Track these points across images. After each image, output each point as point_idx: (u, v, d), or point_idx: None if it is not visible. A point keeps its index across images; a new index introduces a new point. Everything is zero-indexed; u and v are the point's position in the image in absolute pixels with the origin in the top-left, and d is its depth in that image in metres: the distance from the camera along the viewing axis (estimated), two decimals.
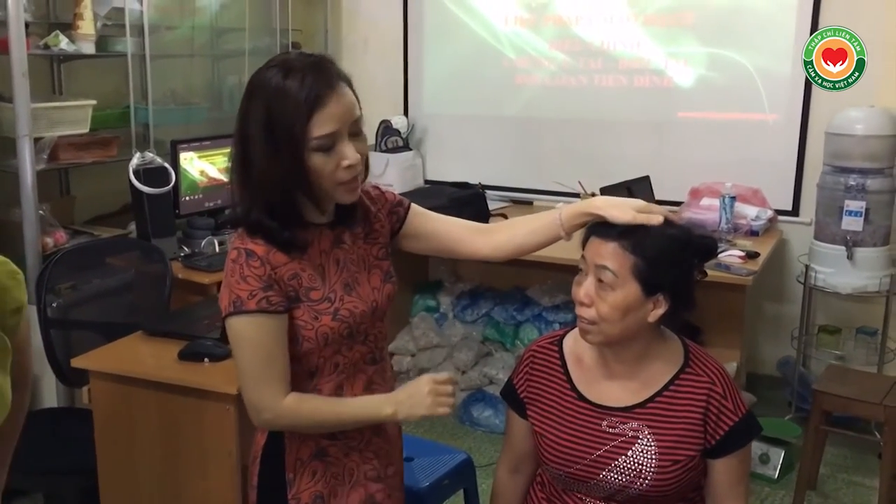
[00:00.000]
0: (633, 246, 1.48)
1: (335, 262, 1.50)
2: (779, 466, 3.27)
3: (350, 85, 1.44)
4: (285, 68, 1.39)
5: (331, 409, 1.49)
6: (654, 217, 1.48)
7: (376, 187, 1.64)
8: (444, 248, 1.66)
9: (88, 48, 3.22)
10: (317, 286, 1.46)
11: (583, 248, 1.56)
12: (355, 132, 1.43)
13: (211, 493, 2.06)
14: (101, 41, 3.32)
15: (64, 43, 3.11)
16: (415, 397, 1.48)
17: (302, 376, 1.49)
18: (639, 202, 1.52)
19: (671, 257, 1.49)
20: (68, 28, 3.18)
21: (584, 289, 1.52)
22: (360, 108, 1.46)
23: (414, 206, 1.66)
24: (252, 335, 1.42)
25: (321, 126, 1.38)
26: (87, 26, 3.18)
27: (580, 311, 1.54)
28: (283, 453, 1.52)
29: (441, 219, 1.68)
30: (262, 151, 1.39)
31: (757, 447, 3.31)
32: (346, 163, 1.41)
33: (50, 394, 2.96)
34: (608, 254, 1.50)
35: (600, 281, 1.50)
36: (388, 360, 1.64)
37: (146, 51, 3.44)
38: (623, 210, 1.49)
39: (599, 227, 1.53)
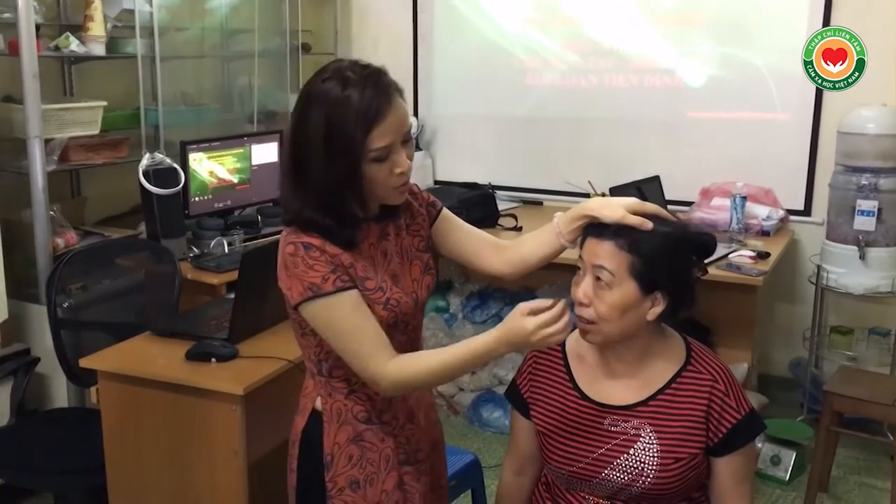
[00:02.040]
0: (628, 244, 1.49)
1: (383, 254, 1.56)
2: (790, 468, 3.25)
3: (402, 95, 1.50)
4: (343, 80, 1.44)
5: (439, 362, 1.49)
6: (646, 222, 1.49)
7: (415, 184, 1.67)
8: (462, 257, 1.70)
9: (99, 50, 3.24)
10: (370, 276, 1.51)
11: (580, 249, 1.56)
12: (406, 139, 1.50)
13: (218, 492, 2.06)
14: (112, 43, 3.33)
15: (74, 44, 3.12)
16: (521, 338, 1.45)
17: (345, 365, 1.53)
18: (631, 201, 1.53)
19: (667, 254, 1.49)
20: (79, 29, 3.20)
21: (583, 289, 1.53)
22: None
23: (445, 209, 1.71)
24: (338, 314, 1.47)
25: (379, 139, 1.43)
26: (97, 28, 3.19)
27: (579, 311, 1.55)
28: (322, 436, 1.55)
29: (466, 228, 1.72)
30: (318, 158, 1.44)
31: (768, 449, 3.29)
32: (398, 170, 1.47)
33: (60, 394, 2.98)
34: (604, 253, 1.50)
35: (598, 280, 1.51)
36: (424, 349, 1.66)
37: (156, 52, 3.45)
38: (614, 209, 1.51)
39: (595, 228, 1.54)
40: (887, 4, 3.62)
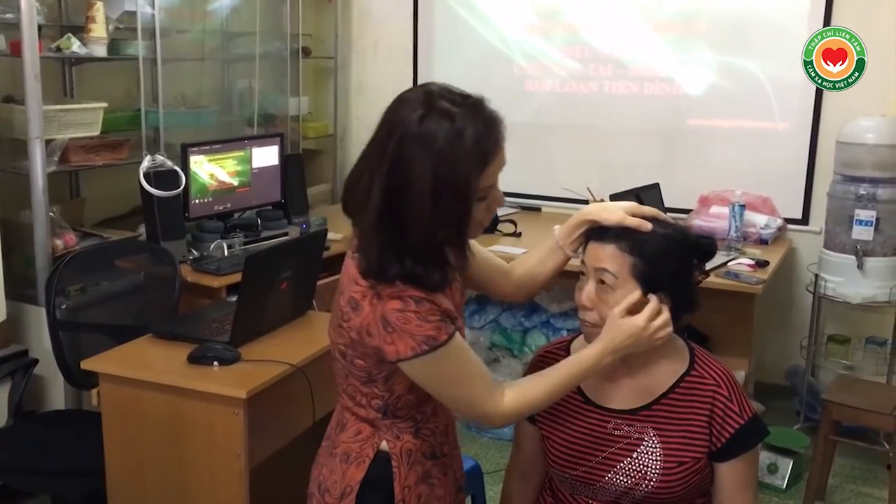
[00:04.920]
0: (630, 247, 1.49)
1: (457, 292, 1.51)
2: (787, 476, 3.25)
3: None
4: (445, 115, 1.32)
5: (551, 386, 1.48)
6: (645, 224, 1.50)
7: None
8: (478, 285, 1.65)
9: (100, 51, 3.24)
10: (455, 311, 1.46)
11: (582, 254, 1.57)
12: None
13: (219, 496, 2.05)
14: (113, 44, 3.33)
15: (76, 46, 3.12)
16: (633, 337, 1.47)
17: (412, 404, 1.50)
18: (629, 204, 1.54)
19: (669, 257, 1.50)
20: (80, 31, 3.20)
21: (586, 293, 1.54)
22: None
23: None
24: (451, 362, 1.41)
25: (488, 178, 1.36)
26: (98, 29, 3.20)
27: (583, 314, 1.55)
28: (391, 480, 1.50)
29: (482, 255, 1.64)
30: (423, 206, 1.31)
31: (765, 457, 3.30)
32: (495, 206, 1.42)
33: (58, 396, 2.97)
34: (606, 256, 1.51)
35: (601, 283, 1.51)
36: None
37: (157, 54, 3.45)
38: (613, 212, 1.51)
39: (596, 232, 1.54)
40: (888, 13, 3.64)
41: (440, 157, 1.30)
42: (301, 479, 1.63)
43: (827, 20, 3.73)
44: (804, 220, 3.92)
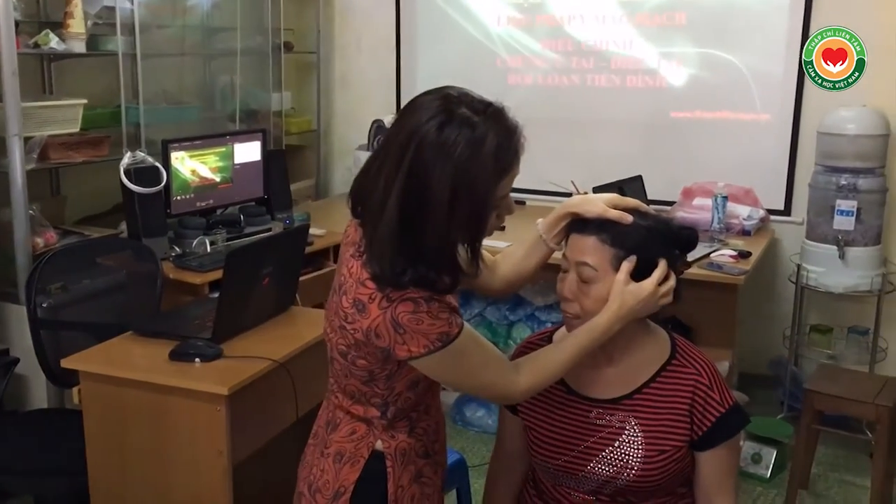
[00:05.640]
0: (611, 238, 1.50)
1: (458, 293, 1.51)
2: (771, 466, 3.27)
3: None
4: (466, 123, 1.30)
5: (565, 357, 1.49)
6: (626, 216, 1.50)
7: None
8: (466, 281, 1.60)
9: (79, 47, 3.21)
10: (461, 313, 1.47)
11: (565, 247, 1.57)
12: None
13: (202, 493, 2.04)
14: (92, 40, 3.30)
15: (54, 42, 3.09)
16: (641, 301, 1.48)
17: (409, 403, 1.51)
18: (611, 196, 1.54)
19: (651, 248, 1.50)
20: (59, 27, 3.16)
21: (568, 284, 1.54)
22: None
23: None
24: (466, 353, 1.42)
25: (505, 187, 1.36)
26: (77, 25, 3.16)
27: (564, 306, 1.56)
28: (385, 480, 1.50)
29: None
30: (440, 214, 1.30)
31: (749, 447, 3.32)
32: (506, 214, 1.42)
33: (40, 394, 2.95)
34: (587, 248, 1.51)
35: (582, 275, 1.51)
36: None
37: (137, 50, 3.42)
38: (594, 204, 1.51)
39: (577, 224, 1.55)
40: (868, 6, 3.67)
41: (459, 166, 1.29)
42: (285, 475, 1.63)
43: (808, 11, 3.74)
44: (787, 210, 3.94)
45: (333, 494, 1.50)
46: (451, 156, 1.29)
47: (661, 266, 1.50)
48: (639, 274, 1.49)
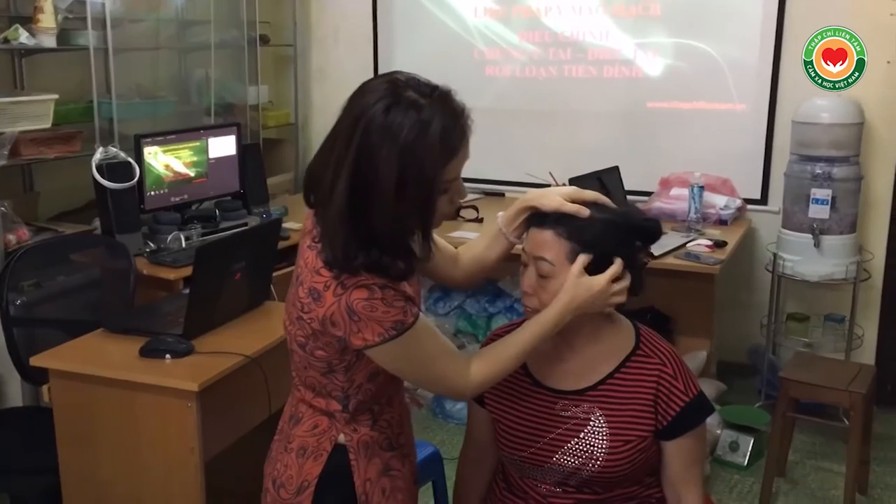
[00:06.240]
0: (568, 232, 1.49)
1: (414, 281, 1.50)
2: (748, 454, 3.29)
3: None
4: (413, 106, 1.30)
5: (516, 350, 1.49)
6: (582, 209, 1.49)
7: None
8: (427, 271, 1.62)
9: (49, 42, 3.17)
10: (419, 301, 1.47)
11: (525, 240, 1.57)
12: None
13: (174, 490, 2.04)
14: (63, 34, 3.26)
15: (24, 37, 3.06)
16: (591, 296, 1.48)
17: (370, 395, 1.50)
18: (568, 189, 1.54)
19: (609, 241, 1.50)
20: (29, 21, 3.13)
21: (527, 279, 1.54)
22: None
23: None
24: (419, 343, 1.42)
25: (451, 171, 1.36)
26: (47, 19, 3.13)
27: (524, 300, 1.56)
28: (349, 474, 1.50)
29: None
30: (387, 198, 1.30)
31: (727, 435, 3.33)
32: (458, 199, 1.42)
33: (15, 393, 2.92)
34: (545, 243, 1.51)
35: (540, 271, 1.51)
36: None
37: (109, 44, 3.39)
38: (551, 198, 1.52)
39: (536, 218, 1.54)
40: None
41: (406, 148, 1.29)
42: (258, 472, 1.62)
43: (781, 1, 3.75)
44: (763, 200, 3.96)
45: (297, 489, 1.50)
46: (398, 138, 1.29)
47: (616, 264, 1.49)
48: (596, 268, 1.49)
